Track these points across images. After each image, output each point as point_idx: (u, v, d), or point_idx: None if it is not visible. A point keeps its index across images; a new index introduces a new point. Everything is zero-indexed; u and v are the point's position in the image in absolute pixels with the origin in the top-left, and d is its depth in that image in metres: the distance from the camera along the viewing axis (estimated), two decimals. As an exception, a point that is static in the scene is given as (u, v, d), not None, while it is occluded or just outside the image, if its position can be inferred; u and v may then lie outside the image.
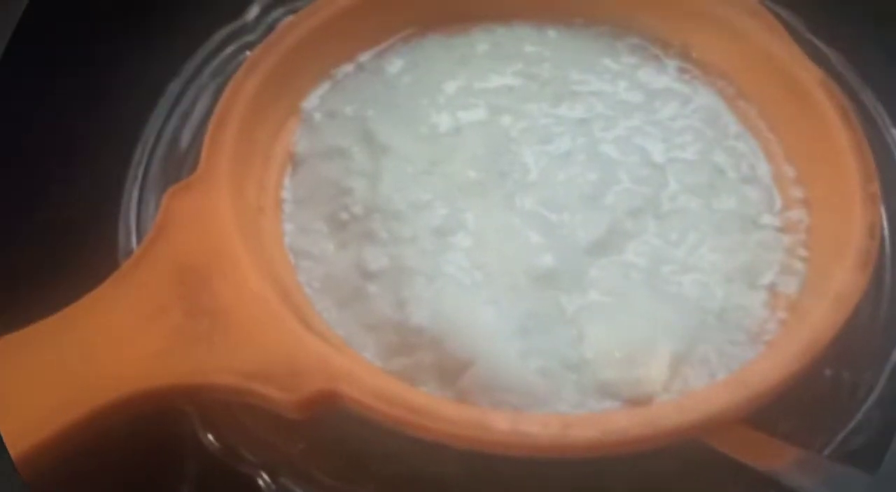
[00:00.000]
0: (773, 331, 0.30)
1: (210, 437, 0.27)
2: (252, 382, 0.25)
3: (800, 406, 0.28)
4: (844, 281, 0.28)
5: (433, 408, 0.25)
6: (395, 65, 0.38)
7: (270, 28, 0.36)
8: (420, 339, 0.29)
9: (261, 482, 0.27)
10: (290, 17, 0.36)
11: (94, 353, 0.26)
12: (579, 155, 0.34)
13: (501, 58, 0.37)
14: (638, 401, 0.28)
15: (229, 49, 0.36)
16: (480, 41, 0.38)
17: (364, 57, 0.38)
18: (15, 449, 0.24)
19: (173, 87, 0.34)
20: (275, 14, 0.37)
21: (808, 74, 0.34)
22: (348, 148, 0.34)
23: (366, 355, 0.29)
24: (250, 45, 0.36)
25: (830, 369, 0.29)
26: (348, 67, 0.37)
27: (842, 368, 0.29)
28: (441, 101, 0.36)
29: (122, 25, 0.37)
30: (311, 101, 0.36)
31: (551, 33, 0.39)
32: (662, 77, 0.37)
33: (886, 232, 0.32)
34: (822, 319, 0.27)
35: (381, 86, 0.37)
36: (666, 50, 0.38)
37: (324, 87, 0.37)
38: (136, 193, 0.31)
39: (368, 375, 0.26)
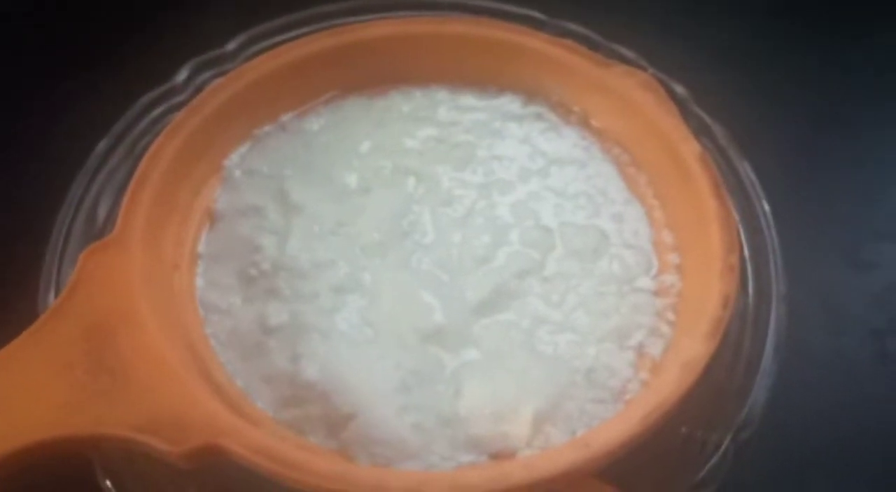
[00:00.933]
0: (634, 390, 0.32)
1: (108, 483, 0.29)
2: (143, 434, 0.28)
3: (653, 460, 0.31)
4: (693, 348, 0.31)
5: (305, 463, 0.28)
6: (314, 124, 0.40)
7: (199, 90, 0.39)
8: (310, 392, 0.31)
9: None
10: (217, 80, 0.39)
11: (7, 401, 0.29)
12: (477, 218, 0.37)
13: (416, 120, 0.40)
14: (502, 455, 0.31)
15: (157, 110, 0.38)
16: (398, 103, 0.41)
17: (286, 117, 0.40)
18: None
19: (101, 146, 0.37)
20: (204, 76, 0.40)
21: (689, 148, 0.36)
22: (264, 206, 0.37)
23: (260, 405, 0.32)
24: (178, 106, 0.38)
25: (686, 427, 0.31)
26: (270, 127, 0.40)
27: (696, 427, 0.31)
28: (354, 162, 0.38)
29: (53, 81, 0.39)
30: (233, 160, 0.39)
31: (466, 98, 0.41)
32: (563, 143, 0.40)
33: (751, 299, 0.34)
34: (670, 383, 0.30)
35: (299, 145, 0.39)
36: (567, 117, 0.40)
37: (245, 146, 0.39)
38: (58, 250, 0.34)
39: (252, 430, 0.28)
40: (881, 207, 0.44)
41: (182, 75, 0.39)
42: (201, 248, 0.36)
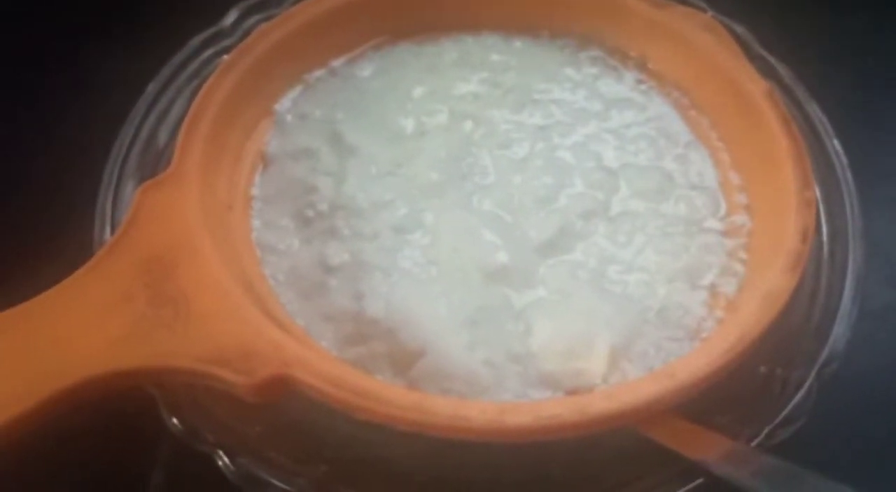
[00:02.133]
0: (710, 328, 0.31)
1: (174, 420, 0.28)
2: (209, 365, 0.27)
3: (734, 399, 0.30)
4: (774, 282, 0.30)
5: (379, 392, 0.27)
6: (365, 70, 0.39)
7: (247, 33, 0.38)
8: (375, 329, 0.30)
9: (220, 463, 0.28)
10: (266, 23, 0.38)
11: (63, 337, 0.28)
12: (536, 160, 0.36)
13: (468, 66, 0.39)
14: (577, 392, 0.29)
15: (206, 53, 0.37)
16: (449, 50, 0.40)
17: (336, 62, 0.39)
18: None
19: (152, 88, 0.36)
20: (251, 20, 0.39)
21: (756, 87, 0.35)
22: (317, 149, 0.36)
23: (323, 344, 0.31)
24: (227, 50, 0.37)
25: (765, 366, 0.30)
26: (320, 72, 0.39)
27: (775, 365, 0.30)
28: (408, 106, 0.37)
29: (103, 27, 0.38)
30: (284, 104, 0.38)
31: (517, 43, 0.40)
32: (620, 87, 0.39)
33: (825, 237, 0.33)
34: (750, 317, 0.29)
35: (351, 90, 0.38)
36: (625, 61, 0.39)
37: (296, 91, 0.38)
38: (112, 188, 0.33)
39: (320, 361, 0.27)
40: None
41: (230, 18, 0.38)
42: (255, 190, 0.35)
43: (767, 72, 0.37)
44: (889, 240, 0.40)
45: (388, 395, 0.27)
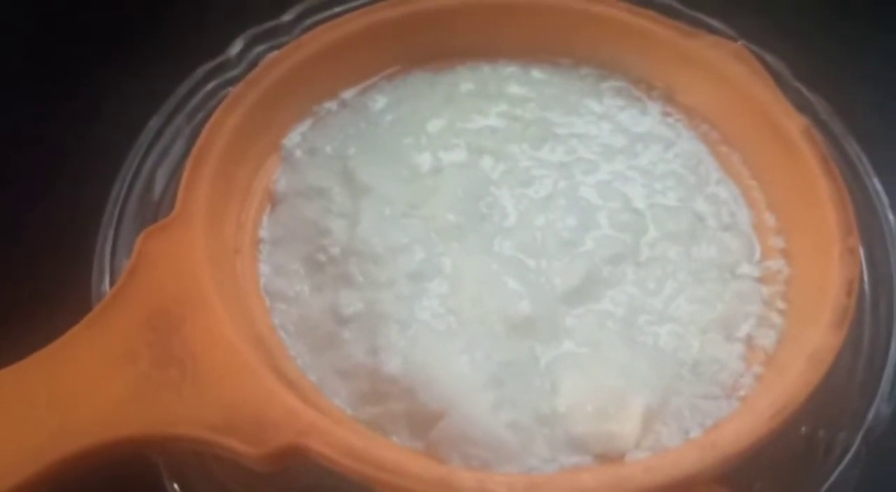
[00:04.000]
0: (749, 386, 0.29)
1: (176, 487, 0.27)
2: (219, 434, 0.25)
3: (774, 464, 0.28)
4: (819, 340, 0.28)
5: (401, 465, 0.25)
6: (378, 102, 0.37)
7: (253, 64, 0.36)
8: (392, 388, 0.29)
9: (226, 534, 0.27)
10: (274, 53, 0.36)
11: (60, 401, 0.26)
12: (559, 199, 0.34)
13: (486, 97, 0.37)
14: (609, 457, 0.28)
15: (211, 85, 0.36)
16: (465, 79, 0.38)
17: (347, 94, 0.37)
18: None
19: (153, 123, 0.34)
20: (258, 49, 0.37)
21: (792, 122, 0.33)
22: (328, 187, 0.34)
23: (337, 402, 0.29)
24: (232, 81, 0.35)
25: (806, 426, 0.29)
26: (331, 104, 0.37)
27: (817, 426, 0.29)
28: (423, 141, 0.36)
29: (102, 61, 0.36)
30: (293, 139, 0.36)
31: (536, 73, 0.39)
32: (646, 120, 0.37)
33: (867, 285, 0.32)
34: (796, 379, 0.27)
35: (363, 123, 0.36)
36: (650, 92, 0.38)
37: (305, 124, 0.36)
38: (111, 234, 0.31)
39: (337, 429, 0.26)
40: None
41: (236, 48, 0.37)
42: (263, 231, 0.33)
43: (802, 105, 0.35)
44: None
45: (411, 468, 0.25)
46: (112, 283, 0.30)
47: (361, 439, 0.26)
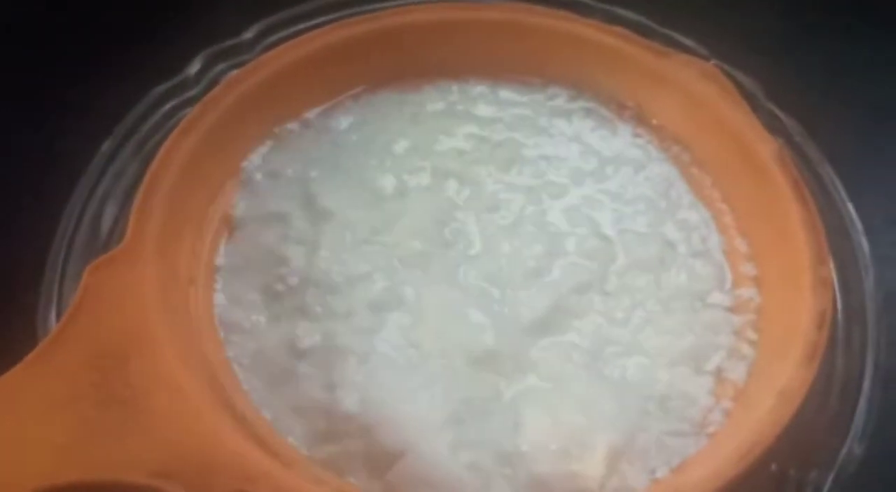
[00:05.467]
0: (718, 422, 0.29)
1: (120, 533, 0.25)
2: (161, 480, 0.24)
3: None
4: (790, 375, 0.27)
5: (353, 513, 0.24)
6: (342, 122, 0.36)
7: (213, 83, 0.35)
8: (349, 426, 0.28)
9: None
10: (234, 72, 0.35)
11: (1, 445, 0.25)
12: (526, 225, 0.33)
13: (453, 117, 0.37)
14: (572, 499, 0.27)
15: (168, 105, 0.34)
16: (433, 99, 0.37)
17: (311, 114, 0.36)
18: None
19: (106, 147, 0.33)
20: (218, 68, 0.36)
21: (764, 145, 0.33)
22: (288, 213, 0.33)
23: (292, 441, 0.28)
24: (190, 102, 0.34)
25: (776, 464, 0.28)
26: (294, 125, 0.36)
27: (788, 464, 0.28)
28: (388, 163, 0.35)
29: (51, 83, 0.35)
30: (253, 161, 0.35)
31: (505, 93, 0.38)
32: (616, 141, 0.36)
33: (840, 315, 0.31)
34: (766, 415, 0.26)
35: (326, 145, 0.35)
36: (621, 113, 0.37)
37: (266, 146, 0.35)
38: (59, 266, 0.30)
39: (285, 474, 0.25)
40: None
41: (194, 67, 0.36)
42: (219, 260, 0.32)
43: (775, 127, 0.34)
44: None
45: (361, 516, 0.24)
46: (59, 318, 0.28)
47: (311, 485, 0.24)
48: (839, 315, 0.31)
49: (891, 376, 0.30)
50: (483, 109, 0.37)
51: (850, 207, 0.33)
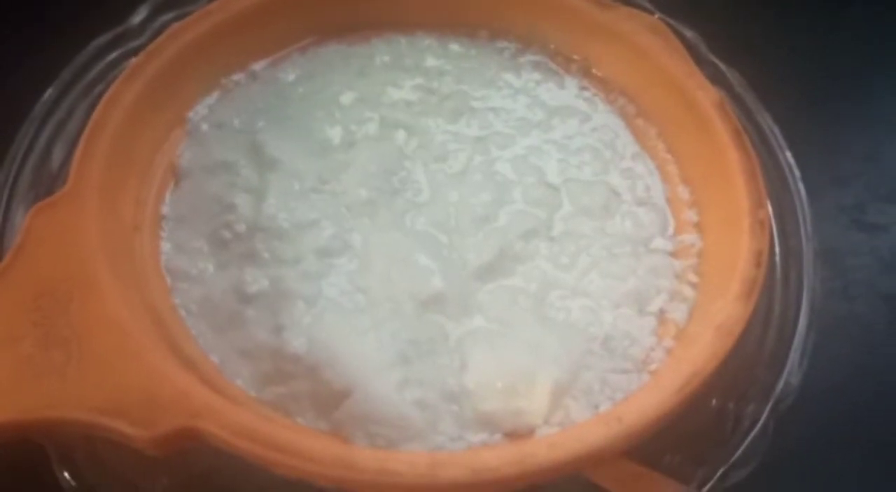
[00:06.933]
0: (659, 359, 0.29)
1: (66, 474, 0.25)
2: (105, 417, 0.24)
3: (683, 437, 0.28)
4: (728, 311, 0.28)
5: (298, 445, 0.24)
6: (290, 74, 0.36)
7: (157, 33, 0.34)
8: (296, 367, 0.28)
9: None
10: (179, 22, 0.34)
11: (-62, 384, 0.24)
12: (474, 174, 0.33)
13: (401, 70, 0.37)
14: (518, 434, 0.27)
15: (112, 55, 0.34)
16: (381, 52, 0.37)
17: (257, 65, 0.36)
18: None
19: (49, 95, 0.32)
20: (163, 18, 0.35)
21: (706, 95, 0.33)
22: (235, 162, 0.33)
23: (239, 383, 0.28)
24: (134, 51, 0.34)
25: (716, 399, 0.28)
26: (240, 76, 0.36)
27: (727, 398, 0.28)
28: (335, 114, 0.35)
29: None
30: (199, 112, 0.35)
31: (454, 46, 0.38)
32: (563, 94, 0.36)
33: (778, 257, 0.32)
34: (703, 351, 0.27)
35: (273, 97, 0.35)
36: (567, 66, 0.37)
37: (212, 97, 0.35)
38: (2, 209, 0.29)
39: (231, 410, 0.25)
40: (887, 168, 0.42)
41: (139, 16, 0.35)
42: (165, 208, 0.32)
43: (717, 78, 0.35)
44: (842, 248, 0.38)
45: (309, 448, 0.24)
46: (0, 260, 0.28)
47: (257, 420, 0.25)
48: (777, 258, 0.31)
49: (824, 319, 0.31)
50: (431, 62, 0.37)
51: (789, 154, 0.33)
